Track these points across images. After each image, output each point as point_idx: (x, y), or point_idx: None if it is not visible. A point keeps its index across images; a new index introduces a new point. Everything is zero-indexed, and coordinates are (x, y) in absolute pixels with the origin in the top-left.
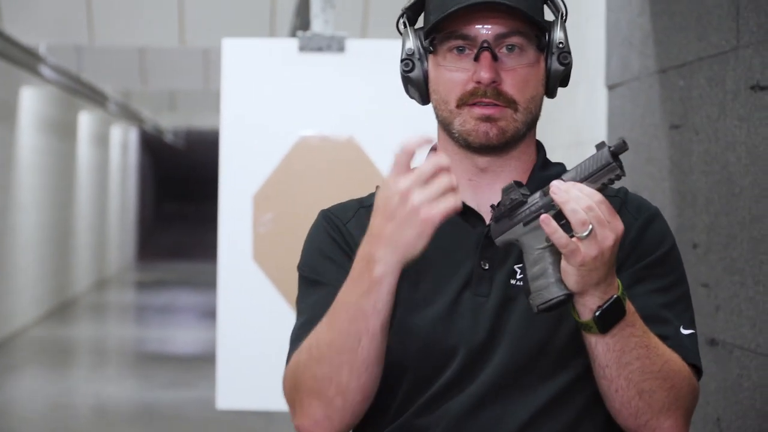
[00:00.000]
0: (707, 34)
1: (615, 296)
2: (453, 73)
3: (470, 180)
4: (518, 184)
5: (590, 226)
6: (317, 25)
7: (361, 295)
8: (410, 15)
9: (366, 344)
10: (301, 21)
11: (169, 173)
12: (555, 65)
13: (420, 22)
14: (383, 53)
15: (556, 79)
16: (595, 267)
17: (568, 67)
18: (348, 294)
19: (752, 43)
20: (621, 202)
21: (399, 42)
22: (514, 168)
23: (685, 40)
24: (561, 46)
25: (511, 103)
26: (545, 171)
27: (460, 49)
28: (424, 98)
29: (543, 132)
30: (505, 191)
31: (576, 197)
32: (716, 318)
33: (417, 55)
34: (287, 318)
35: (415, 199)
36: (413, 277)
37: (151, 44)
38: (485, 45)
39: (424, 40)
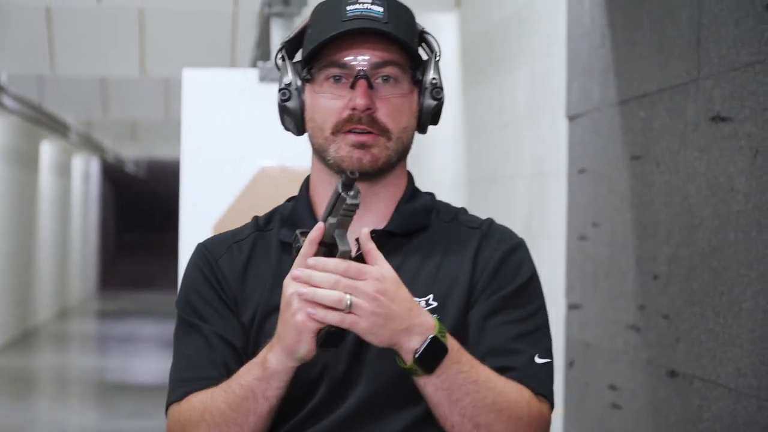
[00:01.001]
0: (668, 65)
1: (431, 336)
2: (329, 101)
3: None
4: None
5: (347, 298)
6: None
7: (255, 378)
8: (288, 49)
9: (252, 423)
10: (262, 51)
11: (131, 203)
12: (428, 100)
13: (297, 57)
14: None
15: (428, 115)
16: (381, 323)
17: (440, 102)
18: (245, 374)
19: (713, 74)
20: (482, 234)
21: None
22: (382, 198)
23: (646, 71)
24: (434, 81)
25: (384, 131)
26: (412, 202)
27: (337, 78)
28: (300, 129)
29: (506, 162)
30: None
31: (320, 280)
32: (676, 349)
33: (294, 86)
34: None
35: (295, 305)
36: (274, 306)
37: (113, 74)
38: (362, 73)
39: (302, 69)
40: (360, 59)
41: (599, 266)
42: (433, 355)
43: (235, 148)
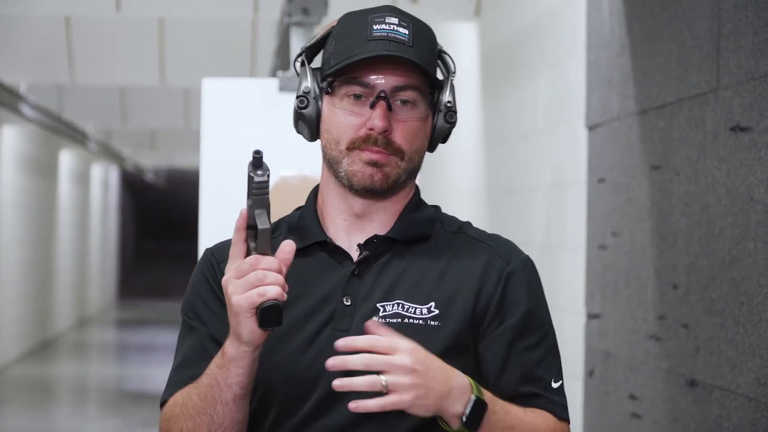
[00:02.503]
0: (687, 75)
1: (474, 398)
2: (348, 117)
3: (345, 221)
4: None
5: (383, 379)
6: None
7: (218, 366)
8: (308, 54)
9: (220, 411)
10: (281, 61)
11: (150, 212)
12: (441, 122)
13: (316, 62)
14: None
15: (439, 136)
16: (423, 393)
17: (453, 125)
18: (212, 363)
19: (732, 84)
20: (490, 249)
21: None
22: (389, 210)
23: (666, 81)
24: (449, 104)
25: (398, 152)
26: (415, 212)
27: (357, 96)
28: (313, 135)
29: (525, 172)
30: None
31: (353, 363)
32: (696, 359)
33: (312, 94)
34: None
35: (230, 289)
36: (286, 308)
37: (132, 83)
38: (382, 95)
39: (322, 81)
40: (382, 81)
41: (619, 276)
42: (477, 415)
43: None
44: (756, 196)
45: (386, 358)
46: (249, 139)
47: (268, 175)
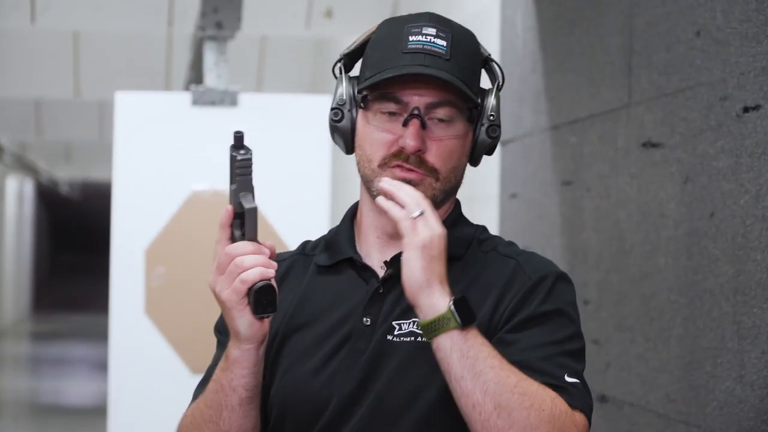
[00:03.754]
0: (599, 91)
1: (462, 295)
2: (381, 133)
3: (378, 238)
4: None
5: (422, 208)
6: (210, 79)
7: (222, 370)
8: (347, 62)
9: (226, 417)
10: (195, 75)
11: (65, 225)
12: (483, 137)
13: (355, 69)
14: (276, 107)
15: (482, 150)
16: (434, 253)
17: (496, 140)
18: (217, 368)
19: (644, 100)
20: (516, 264)
21: (293, 96)
22: None
23: (578, 97)
24: (492, 118)
25: (432, 172)
26: (451, 231)
27: (392, 113)
28: (349, 148)
29: None
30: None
31: (408, 190)
32: (606, 374)
33: (348, 105)
34: (178, 371)
35: (217, 288)
36: (305, 327)
37: (47, 96)
38: (416, 112)
39: (357, 93)
40: (416, 97)
41: None
42: (467, 309)
43: (167, 171)
44: (667, 212)
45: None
46: (161, 153)
47: (251, 154)
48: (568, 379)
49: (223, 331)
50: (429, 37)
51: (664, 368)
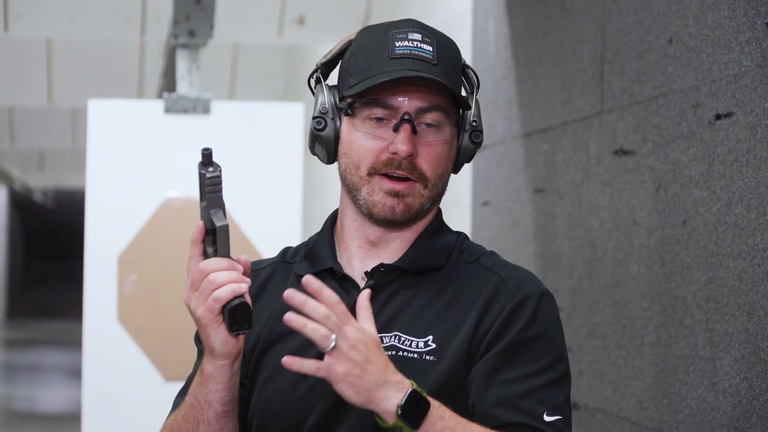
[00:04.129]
0: (571, 99)
1: (411, 389)
2: (369, 140)
3: (359, 247)
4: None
5: (333, 337)
6: (183, 87)
7: (198, 384)
8: (324, 71)
9: (203, 430)
10: (168, 82)
11: (39, 232)
12: (466, 142)
13: (332, 79)
14: (249, 115)
15: (465, 156)
16: (357, 373)
17: (478, 145)
18: (193, 382)
19: (616, 107)
20: (499, 280)
21: (265, 104)
22: (402, 239)
23: (550, 104)
24: (474, 124)
25: (422, 178)
26: (431, 240)
27: (380, 118)
28: (331, 158)
29: None
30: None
31: (313, 308)
32: (579, 382)
33: (330, 114)
34: (151, 378)
35: (191, 305)
36: (285, 337)
37: (20, 104)
38: (407, 117)
39: (340, 100)
40: (406, 103)
41: None
42: (417, 408)
43: (139, 178)
44: (639, 219)
45: (339, 322)
46: (134, 160)
47: (220, 171)
48: (548, 418)
49: (197, 339)
50: (416, 43)
51: (637, 376)
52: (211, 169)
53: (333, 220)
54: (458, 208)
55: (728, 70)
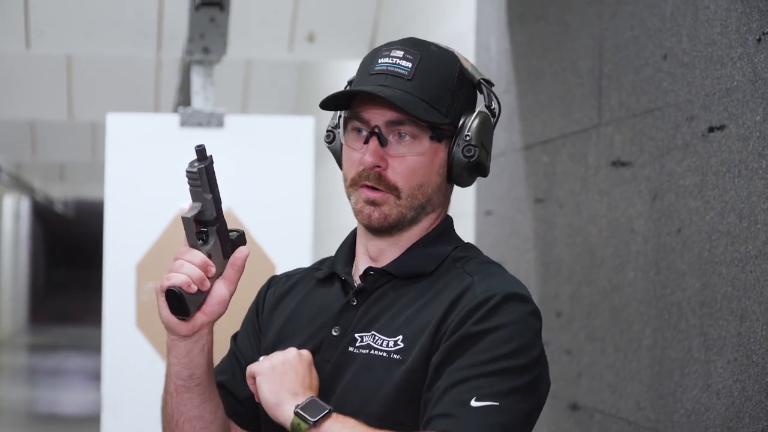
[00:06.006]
0: (570, 112)
1: (311, 396)
2: (352, 152)
3: (363, 254)
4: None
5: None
6: (197, 101)
7: (167, 357)
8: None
9: (169, 402)
10: (183, 97)
11: (59, 241)
12: (458, 156)
13: None
14: (261, 128)
15: (460, 169)
16: (282, 372)
17: (470, 159)
18: None
19: (613, 120)
20: (471, 282)
21: (277, 118)
22: (396, 246)
23: (549, 118)
24: (468, 138)
25: (393, 189)
26: (426, 247)
27: (359, 130)
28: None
29: None
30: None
31: (253, 372)
32: (578, 383)
33: (339, 128)
34: None
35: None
36: (290, 337)
37: (41, 118)
38: (375, 130)
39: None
40: (376, 115)
41: None
42: (315, 407)
43: (156, 189)
44: (636, 227)
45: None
46: (151, 172)
47: (204, 167)
48: (475, 404)
49: (235, 338)
50: (395, 59)
51: (634, 377)
52: (195, 164)
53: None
54: (462, 218)
55: (721, 84)
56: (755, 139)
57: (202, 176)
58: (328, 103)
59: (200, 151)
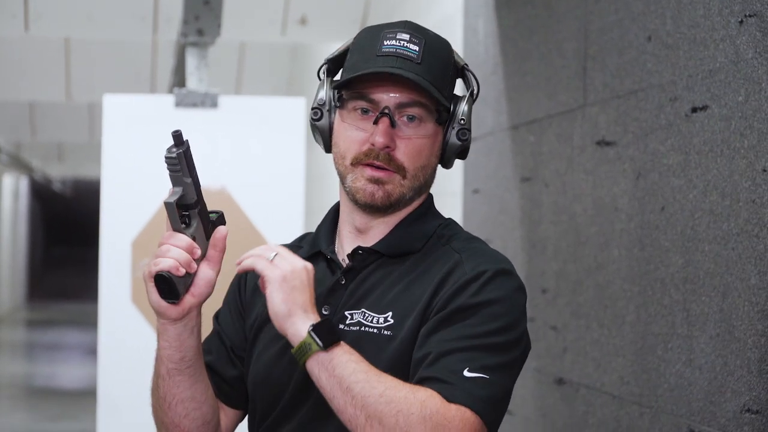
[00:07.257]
0: (556, 93)
1: (327, 317)
2: (354, 132)
3: (350, 232)
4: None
5: (273, 254)
6: (192, 82)
7: (157, 341)
8: (331, 67)
9: (161, 385)
10: (179, 78)
11: (57, 219)
12: (453, 139)
13: (339, 75)
14: (254, 109)
15: (452, 152)
16: (295, 284)
17: (465, 143)
18: None
19: (598, 101)
20: (459, 259)
21: (270, 99)
22: (385, 224)
23: (536, 98)
24: (462, 122)
25: (400, 169)
26: (412, 225)
27: (364, 111)
28: (327, 147)
29: None
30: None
31: (256, 249)
32: (564, 359)
33: (327, 106)
34: None
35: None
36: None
37: (40, 99)
38: (386, 111)
39: (335, 93)
40: (386, 97)
41: None
42: (328, 331)
43: (151, 169)
44: (620, 206)
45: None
46: (147, 151)
47: (182, 151)
48: (467, 374)
49: (219, 311)
50: (402, 42)
51: (618, 353)
52: (174, 149)
53: (337, 207)
54: (450, 196)
55: (704, 65)
56: (737, 119)
57: (181, 161)
58: (351, 84)
59: (177, 136)
